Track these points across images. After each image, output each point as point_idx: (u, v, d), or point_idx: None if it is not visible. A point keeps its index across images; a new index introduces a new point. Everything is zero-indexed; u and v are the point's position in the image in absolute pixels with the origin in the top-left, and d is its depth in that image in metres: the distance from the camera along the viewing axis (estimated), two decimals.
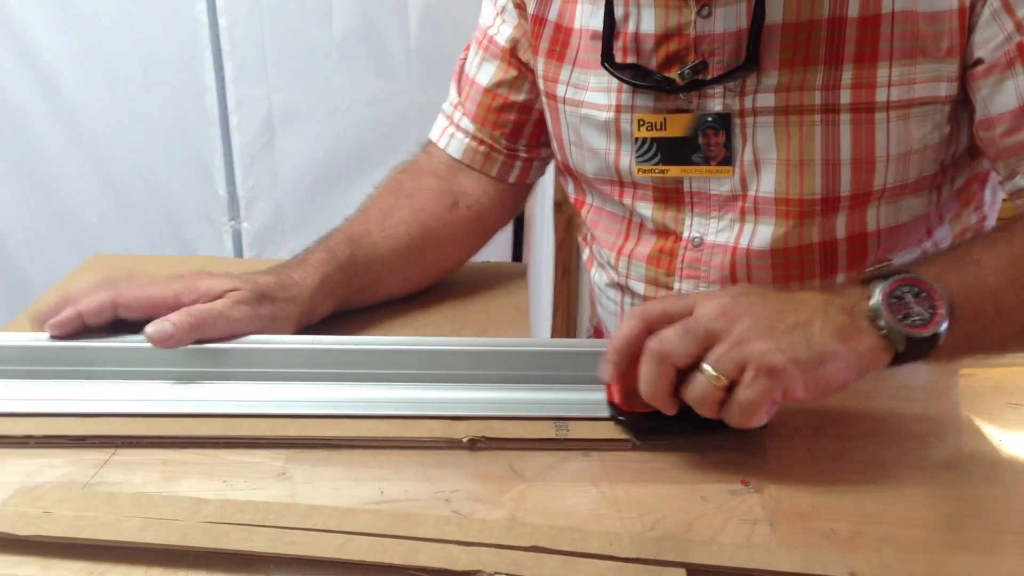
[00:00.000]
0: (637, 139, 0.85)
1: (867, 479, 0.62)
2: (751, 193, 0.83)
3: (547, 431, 0.66)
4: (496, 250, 1.01)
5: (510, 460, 0.64)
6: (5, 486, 0.60)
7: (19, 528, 0.54)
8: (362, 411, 0.67)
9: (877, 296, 0.62)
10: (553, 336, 1.98)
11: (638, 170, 0.86)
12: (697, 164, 0.83)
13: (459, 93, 0.98)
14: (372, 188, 0.96)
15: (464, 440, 0.65)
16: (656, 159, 0.85)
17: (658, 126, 0.84)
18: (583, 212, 0.96)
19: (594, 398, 0.69)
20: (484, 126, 0.96)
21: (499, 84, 0.95)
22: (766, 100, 0.79)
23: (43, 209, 1.82)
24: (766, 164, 0.81)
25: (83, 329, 0.72)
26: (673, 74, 0.81)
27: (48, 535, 0.54)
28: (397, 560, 0.53)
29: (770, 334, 0.60)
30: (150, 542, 0.54)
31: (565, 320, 2.15)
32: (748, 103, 0.80)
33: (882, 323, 0.61)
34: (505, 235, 1.77)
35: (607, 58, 0.83)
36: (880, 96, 0.77)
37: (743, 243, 0.84)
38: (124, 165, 1.78)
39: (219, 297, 0.73)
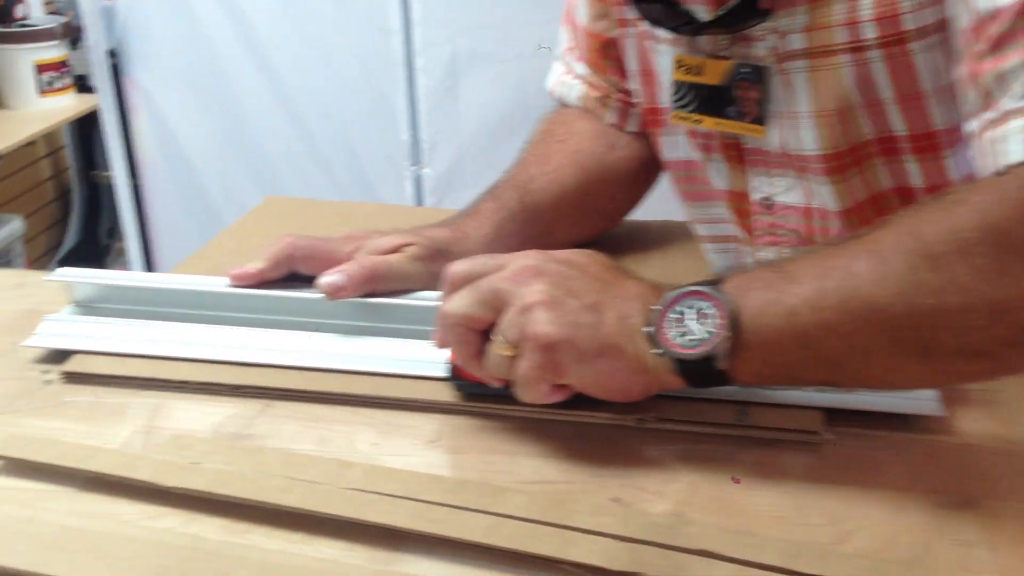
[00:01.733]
0: (675, 82, 0.76)
1: None
2: (794, 151, 0.72)
3: (724, 415, 0.59)
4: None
5: (682, 446, 0.57)
6: (160, 430, 0.59)
7: (163, 478, 0.53)
8: None
9: (657, 308, 0.55)
10: None
11: (673, 116, 0.77)
12: (731, 119, 0.74)
13: (572, 35, 0.91)
14: None
15: (633, 420, 0.59)
16: (692, 106, 0.76)
17: (696, 70, 0.74)
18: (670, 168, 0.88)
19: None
20: (595, 69, 0.88)
21: (595, 18, 0.86)
22: (795, 42, 0.69)
23: (235, 147, 1.88)
24: (804, 116, 0.71)
25: (262, 281, 0.70)
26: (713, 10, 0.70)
27: (191, 488, 0.52)
28: (548, 551, 0.48)
29: (556, 306, 0.54)
30: (292, 505, 0.51)
31: None
32: (783, 46, 0.69)
33: (654, 339, 0.54)
34: None
35: None
36: (907, 24, 0.64)
37: (814, 202, 0.74)
38: (311, 106, 1.80)
39: (393, 252, 0.70)
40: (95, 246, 3.00)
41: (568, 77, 0.90)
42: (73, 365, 0.64)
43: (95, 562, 0.47)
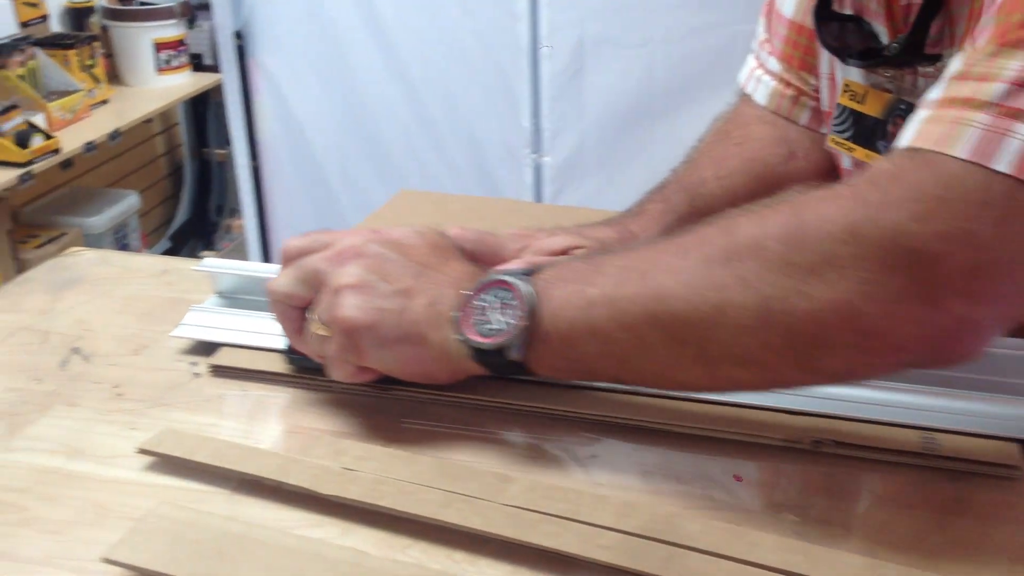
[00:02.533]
0: (838, 105, 0.71)
1: None
2: None
3: (909, 440, 0.54)
4: None
5: (861, 474, 0.53)
6: (310, 431, 0.57)
7: (320, 485, 0.51)
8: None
9: (466, 295, 0.55)
10: None
11: (831, 140, 0.73)
12: (880, 153, 0.69)
13: (767, 28, 0.85)
14: (683, 126, 0.87)
15: (808, 443, 0.54)
16: (848, 132, 0.72)
17: (859, 98, 0.70)
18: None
19: (971, 407, 0.56)
20: (791, 65, 0.82)
21: (806, 12, 0.79)
22: None
23: (354, 130, 1.87)
24: None
25: None
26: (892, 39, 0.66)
27: (348, 497, 0.50)
28: None
29: (366, 290, 0.55)
30: (452, 521, 0.49)
31: None
32: None
33: (457, 326, 0.54)
34: None
35: (822, 9, 0.69)
36: None
37: None
38: (432, 91, 1.78)
39: (560, 254, 0.67)
40: (205, 223, 3.07)
41: (760, 72, 0.86)
42: (222, 359, 0.63)
43: (258, 574, 0.46)
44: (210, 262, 0.69)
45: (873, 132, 0.70)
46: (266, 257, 2.14)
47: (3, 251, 2.15)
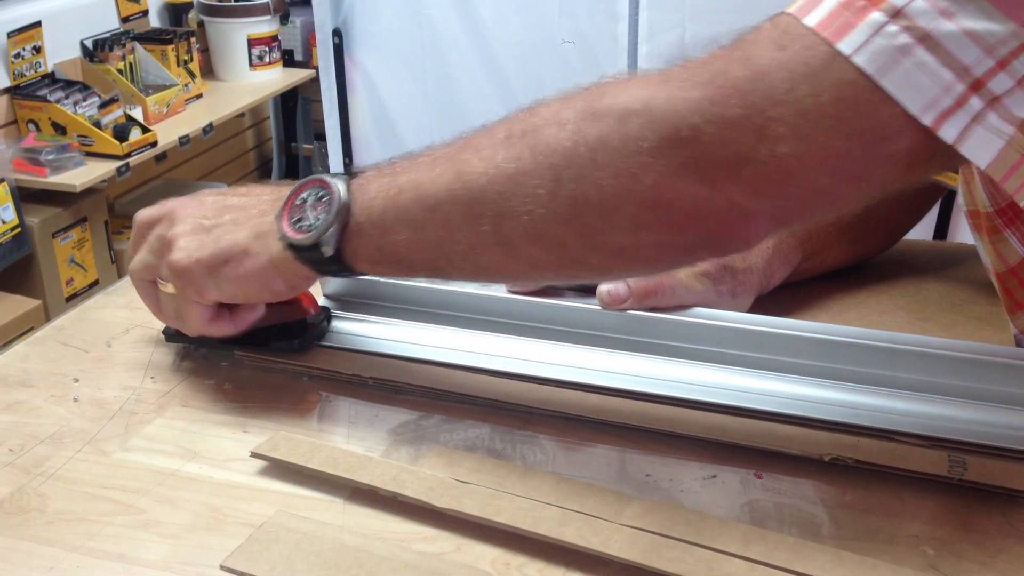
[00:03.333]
0: None
1: None
2: None
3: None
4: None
5: (1002, 506, 0.50)
6: (419, 441, 0.56)
7: (436, 498, 0.50)
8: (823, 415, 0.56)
9: (285, 196, 0.56)
10: None
11: None
12: None
13: None
14: None
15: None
16: None
17: None
18: None
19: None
20: None
21: None
22: None
23: (449, 132, 1.86)
24: None
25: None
26: None
27: (463, 511, 0.49)
28: None
29: (194, 233, 0.57)
30: (569, 541, 0.47)
31: None
32: None
33: (278, 227, 0.55)
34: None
35: None
36: None
37: None
38: (529, 93, 1.74)
39: None
40: None
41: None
42: (329, 363, 0.63)
43: None
44: None
45: None
46: None
47: (100, 242, 2.21)
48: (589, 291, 0.63)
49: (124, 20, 2.48)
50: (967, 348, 0.58)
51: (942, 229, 1.58)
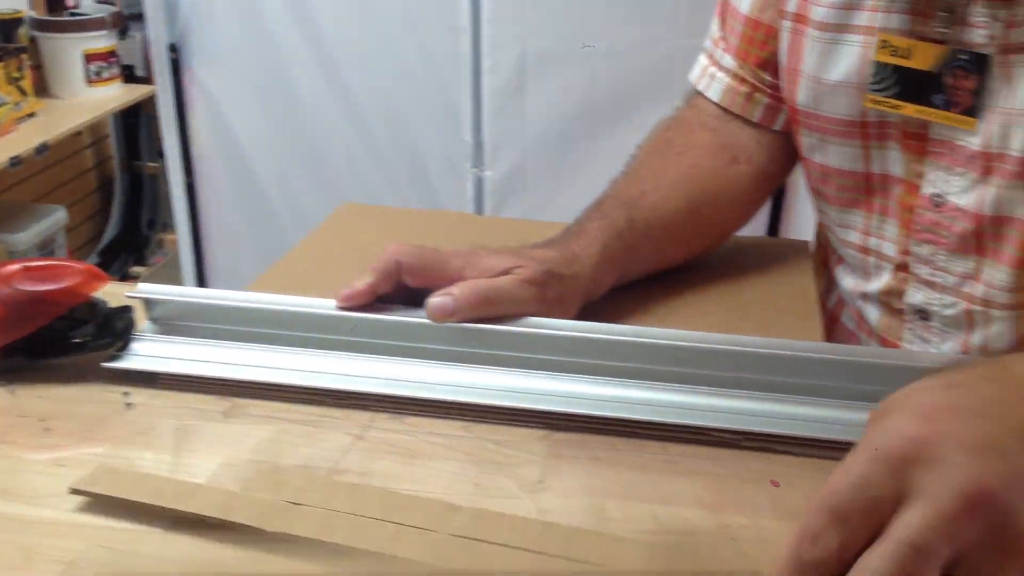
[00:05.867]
0: (876, 63, 0.70)
1: None
2: (1005, 152, 0.66)
3: None
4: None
5: (808, 493, 0.53)
6: (249, 464, 0.55)
7: (266, 522, 0.49)
8: (642, 415, 0.58)
9: None
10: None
11: (867, 99, 0.71)
12: (936, 107, 0.68)
13: (721, 27, 0.86)
14: (625, 141, 0.86)
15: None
16: (892, 90, 0.70)
17: (902, 52, 0.69)
18: (808, 168, 0.82)
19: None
20: (746, 62, 0.83)
21: (763, 8, 0.81)
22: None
23: (293, 145, 1.84)
24: (1019, 115, 0.65)
25: (375, 296, 0.66)
26: None
27: (295, 533, 0.49)
28: None
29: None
30: (404, 556, 0.48)
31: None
32: (1016, 37, 0.64)
33: None
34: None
35: None
36: None
37: (987, 210, 0.68)
38: (373, 105, 1.76)
39: (503, 274, 0.66)
40: (136, 237, 3.00)
41: (713, 69, 0.86)
42: (156, 388, 0.61)
43: None
44: (146, 287, 0.66)
45: (924, 86, 0.69)
46: (200, 274, 2.10)
47: None
48: (419, 304, 0.64)
49: None
50: (779, 345, 0.61)
51: (775, 224, 1.67)
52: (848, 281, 0.83)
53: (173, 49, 1.80)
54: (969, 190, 0.69)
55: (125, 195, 3.00)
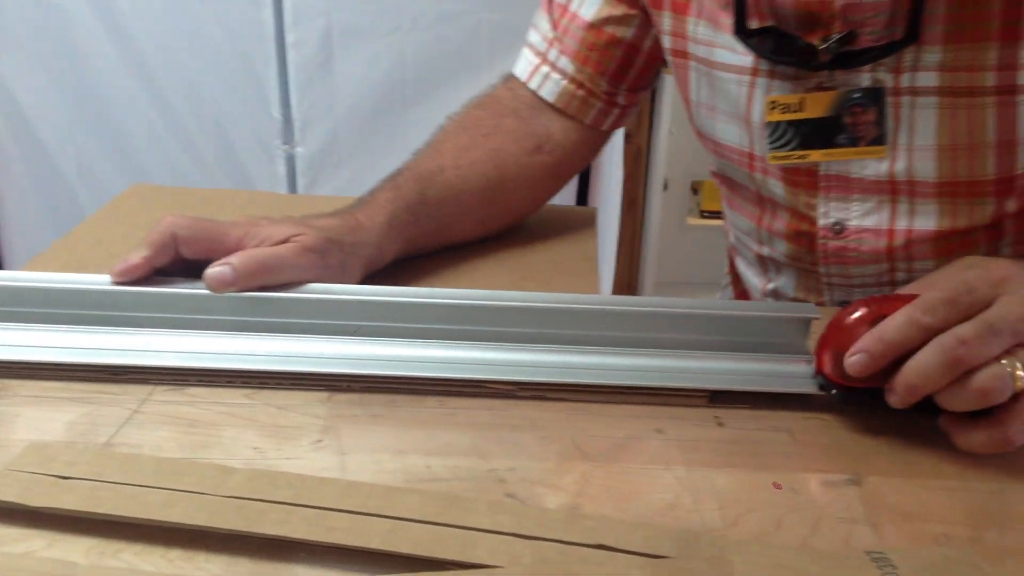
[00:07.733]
0: (769, 124, 0.74)
1: (991, 477, 0.54)
2: (908, 177, 0.72)
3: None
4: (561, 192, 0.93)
5: (573, 436, 0.57)
6: (16, 442, 0.54)
7: (31, 498, 0.49)
8: (421, 371, 0.61)
9: None
10: (617, 274, 1.89)
11: (771, 157, 0.75)
12: (843, 146, 0.73)
13: (554, 27, 0.88)
14: (436, 112, 0.88)
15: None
16: (793, 144, 0.74)
17: (794, 107, 0.73)
18: (716, 179, 0.89)
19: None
20: (585, 67, 0.86)
21: (607, 20, 0.84)
22: (928, 79, 0.68)
23: (92, 128, 1.77)
24: (925, 148, 0.70)
25: (151, 270, 0.65)
26: (815, 41, 0.70)
27: (63, 508, 0.48)
28: (453, 555, 0.47)
29: None
30: (176, 521, 0.48)
31: (629, 257, 2.07)
32: (905, 81, 0.69)
33: None
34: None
35: (740, 28, 0.72)
36: None
37: (901, 224, 0.74)
38: (175, 83, 1.71)
39: (283, 243, 0.66)
40: None
41: (547, 69, 0.88)
42: None
43: None
44: None
45: (824, 131, 0.72)
46: None
47: None
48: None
49: None
50: (558, 299, 0.65)
51: (583, 193, 1.73)
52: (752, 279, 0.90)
53: None
54: (873, 212, 0.74)
55: None
